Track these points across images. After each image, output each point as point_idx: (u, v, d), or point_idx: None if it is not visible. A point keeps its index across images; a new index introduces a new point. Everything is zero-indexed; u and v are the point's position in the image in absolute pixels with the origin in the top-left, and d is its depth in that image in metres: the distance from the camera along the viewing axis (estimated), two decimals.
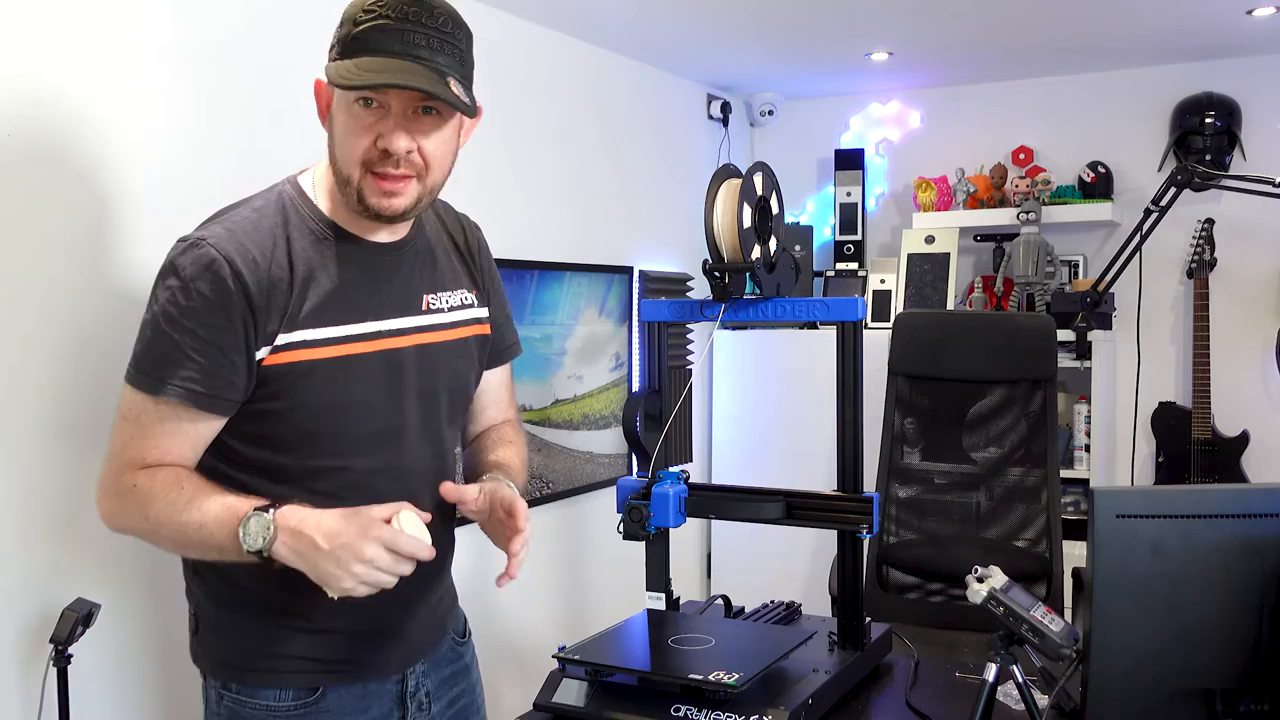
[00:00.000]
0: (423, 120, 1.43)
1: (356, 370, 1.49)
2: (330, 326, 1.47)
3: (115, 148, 2.02)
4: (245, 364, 1.42)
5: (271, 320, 1.42)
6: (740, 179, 1.91)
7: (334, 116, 1.44)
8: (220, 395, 1.41)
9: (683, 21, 3.23)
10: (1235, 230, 3.67)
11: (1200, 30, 3.36)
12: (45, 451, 1.92)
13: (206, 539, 1.38)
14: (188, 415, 1.41)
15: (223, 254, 1.40)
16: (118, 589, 2.03)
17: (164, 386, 1.39)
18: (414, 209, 1.49)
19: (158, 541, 1.44)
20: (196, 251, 1.41)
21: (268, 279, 1.42)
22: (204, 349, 1.39)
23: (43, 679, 1.75)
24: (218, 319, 1.39)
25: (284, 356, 1.44)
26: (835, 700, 1.77)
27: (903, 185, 4.20)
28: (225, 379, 1.41)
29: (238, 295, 1.40)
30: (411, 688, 1.62)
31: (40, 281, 1.91)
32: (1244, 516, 1.45)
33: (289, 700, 1.50)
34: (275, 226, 1.46)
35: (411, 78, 1.36)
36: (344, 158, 1.44)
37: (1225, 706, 1.47)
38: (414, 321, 1.57)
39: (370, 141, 1.41)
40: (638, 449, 2.04)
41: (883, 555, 2.79)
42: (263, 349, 1.43)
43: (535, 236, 3.18)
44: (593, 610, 3.46)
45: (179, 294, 1.40)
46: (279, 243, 1.45)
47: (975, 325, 2.87)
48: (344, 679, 1.53)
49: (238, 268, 1.40)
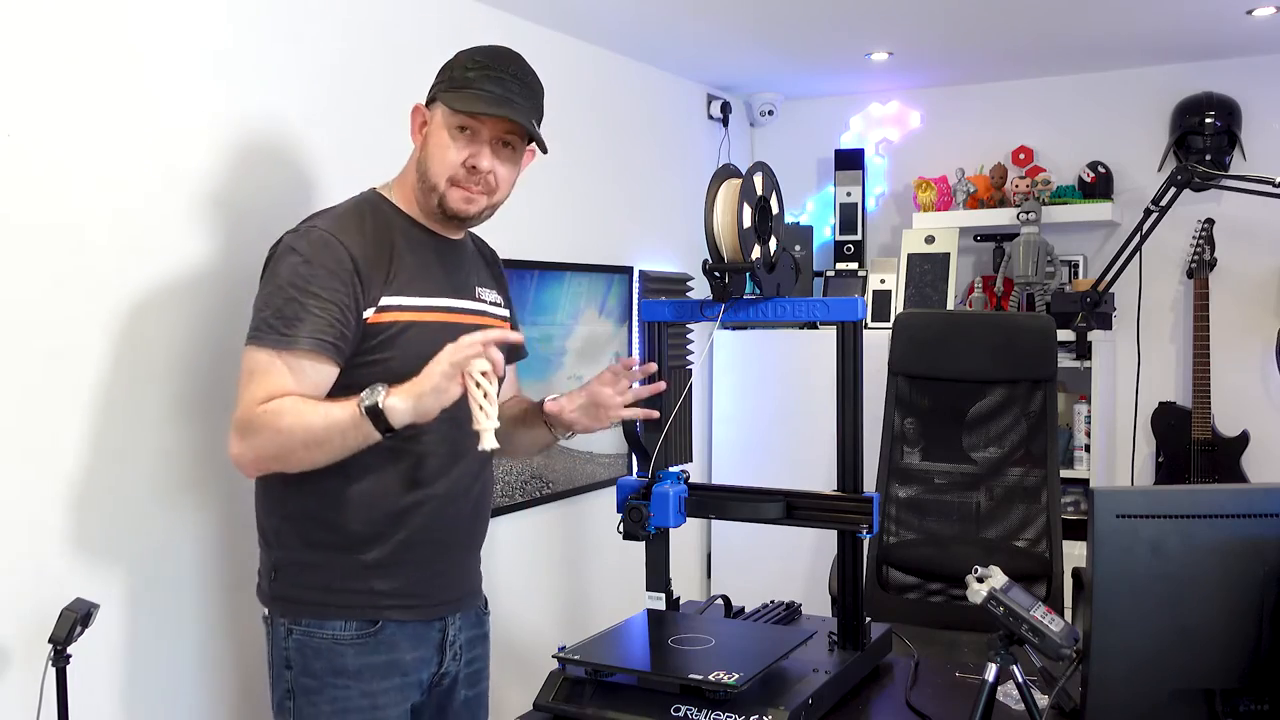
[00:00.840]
0: (501, 150, 1.82)
1: (436, 332, 1.77)
2: (418, 296, 1.81)
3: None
4: (356, 321, 1.73)
5: (374, 286, 1.75)
6: (740, 179, 1.91)
7: (430, 136, 1.81)
8: (339, 344, 1.71)
9: (683, 21, 3.23)
10: (1235, 230, 3.67)
11: (1200, 30, 3.36)
12: (45, 452, 1.92)
13: (332, 425, 1.63)
14: (313, 362, 1.69)
15: (334, 234, 1.74)
16: (117, 589, 2.03)
17: (295, 340, 1.68)
18: (479, 217, 1.87)
19: (290, 451, 1.67)
20: (312, 234, 1.74)
21: (371, 254, 1.75)
22: (325, 308, 1.69)
23: (41, 679, 1.75)
24: (335, 283, 1.71)
25: (385, 316, 1.76)
26: (835, 700, 1.77)
27: (903, 185, 4.20)
28: (342, 332, 1.71)
29: (349, 265, 1.72)
30: (450, 637, 1.89)
31: (39, 282, 1.91)
32: (1244, 516, 1.45)
33: (352, 630, 1.77)
34: (368, 217, 1.81)
35: (512, 112, 1.78)
36: (436, 169, 1.80)
37: (1225, 706, 1.47)
38: (471, 305, 1.92)
39: (461, 160, 1.79)
40: (638, 449, 2.04)
41: (883, 555, 2.79)
42: (369, 309, 1.74)
43: (535, 236, 3.18)
44: (593, 610, 3.46)
45: (301, 266, 1.71)
46: (375, 228, 1.79)
47: (975, 325, 2.87)
48: (400, 615, 1.80)
49: (347, 244, 1.73)
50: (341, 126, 2.47)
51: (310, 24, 2.42)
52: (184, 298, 2.13)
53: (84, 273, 1.97)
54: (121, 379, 2.03)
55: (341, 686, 1.76)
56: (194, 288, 2.15)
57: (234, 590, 2.23)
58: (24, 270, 1.88)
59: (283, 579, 1.82)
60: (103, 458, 2.00)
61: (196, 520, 2.18)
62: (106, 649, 2.02)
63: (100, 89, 1.99)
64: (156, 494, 2.10)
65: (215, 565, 2.21)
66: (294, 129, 2.37)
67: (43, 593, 1.91)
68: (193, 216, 2.15)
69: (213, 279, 2.18)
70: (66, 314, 1.94)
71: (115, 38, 2.02)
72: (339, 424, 1.63)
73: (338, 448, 1.66)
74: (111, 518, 2.03)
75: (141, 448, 2.07)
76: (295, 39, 2.38)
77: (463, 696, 1.94)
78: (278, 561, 1.82)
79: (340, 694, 1.76)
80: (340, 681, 1.76)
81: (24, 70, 1.88)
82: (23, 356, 1.89)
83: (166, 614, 2.13)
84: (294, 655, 1.78)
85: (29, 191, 1.89)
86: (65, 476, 1.95)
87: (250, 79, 2.27)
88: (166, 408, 2.11)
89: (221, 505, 2.20)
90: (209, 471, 2.18)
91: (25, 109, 1.88)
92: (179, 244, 2.13)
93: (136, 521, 2.07)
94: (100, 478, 2.00)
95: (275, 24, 2.33)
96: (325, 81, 2.45)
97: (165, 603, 2.13)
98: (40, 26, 1.90)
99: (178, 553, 2.15)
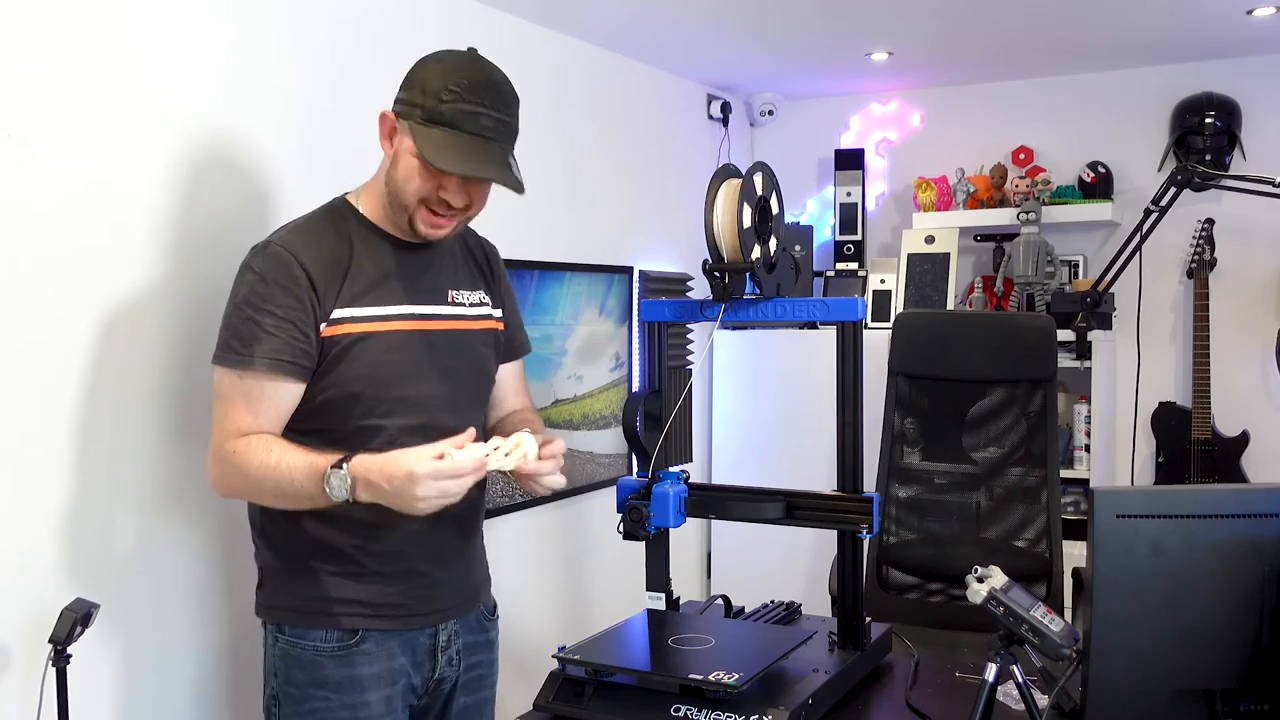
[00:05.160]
0: (475, 185, 1.76)
1: (393, 344, 1.77)
2: (374, 306, 1.77)
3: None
4: (315, 336, 1.71)
5: (329, 300, 1.72)
6: (740, 179, 1.91)
7: (399, 158, 1.74)
8: (297, 362, 1.69)
9: (683, 21, 3.23)
10: (1235, 230, 3.67)
11: (1200, 30, 3.36)
12: (44, 452, 1.92)
13: (299, 491, 1.64)
14: (271, 382, 1.69)
15: (289, 250, 1.71)
16: (117, 589, 2.03)
17: (252, 360, 1.67)
18: (452, 235, 1.83)
19: (261, 496, 1.72)
20: (267, 251, 1.72)
21: (326, 267, 1.73)
22: (281, 325, 1.68)
23: (41, 679, 1.75)
24: (289, 300, 1.69)
25: (338, 329, 1.73)
26: (835, 700, 1.77)
27: (903, 185, 4.20)
28: (300, 348, 1.69)
29: (303, 280, 1.70)
30: (443, 643, 1.86)
31: (37, 287, 1.91)
32: (1244, 516, 1.45)
33: (333, 641, 1.76)
34: (329, 227, 1.78)
35: (488, 168, 1.71)
36: (406, 192, 1.74)
37: (1225, 706, 1.47)
38: (441, 310, 1.86)
39: (433, 188, 1.73)
40: (638, 449, 2.04)
41: (883, 555, 2.79)
42: (322, 323, 1.71)
43: (535, 236, 3.18)
44: (593, 610, 3.46)
45: (258, 285, 1.70)
46: (334, 238, 1.76)
47: (975, 325, 2.87)
48: (382, 624, 1.78)
49: (302, 260, 1.71)
50: (342, 128, 2.47)
51: (308, 23, 2.42)
52: (184, 292, 2.13)
53: (81, 259, 1.97)
54: (121, 380, 2.03)
55: (322, 699, 1.75)
56: (195, 283, 2.15)
57: (234, 591, 2.23)
58: (23, 271, 1.89)
59: (269, 587, 1.83)
60: (103, 457, 2.00)
61: (197, 520, 2.17)
62: (106, 649, 2.02)
63: (100, 90, 1.99)
64: (157, 493, 2.10)
65: (215, 566, 2.21)
66: (292, 132, 2.37)
67: (43, 593, 1.91)
68: (187, 221, 2.15)
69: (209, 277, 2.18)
70: (63, 306, 1.94)
71: (116, 38, 2.02)
72: (306, 492, 1.64)
73: (302, 504, 1.67)
74: (112, 517, 2.03)
75: (142, 447, 2.07)
76: (295, 39, 2.38)
77: (461, 704, 1.92)
78: (263, 570, 1.84)
79: (321, 705, 1.75)
80: (321, 693, 1.75)
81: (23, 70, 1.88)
82: (22, 354, 1.89)
83: (166, 614, 2.13)
84: (279, 663, 1.78)
85: (30, 193, 1.89)
86: (65, 476, 1.95)
87: (251, 80, 2.27)
88: (167, 409, 2.11)
89: (221, 505, 2.20)
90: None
91: (25, 109, 1.88)
92: (178, 246, 2.13)
93: (137, 521, 2.07)
94: (101, 477, 2.00)
95: (276, 24, 2.33)
96: (325, 82, 2.45)
97: (165, 603, 2.13)
98: (40, 28, 1.90)
99: (178, 553, 2.15)
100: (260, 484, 1.67)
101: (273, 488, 1.66)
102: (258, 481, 1.66)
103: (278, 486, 1.65)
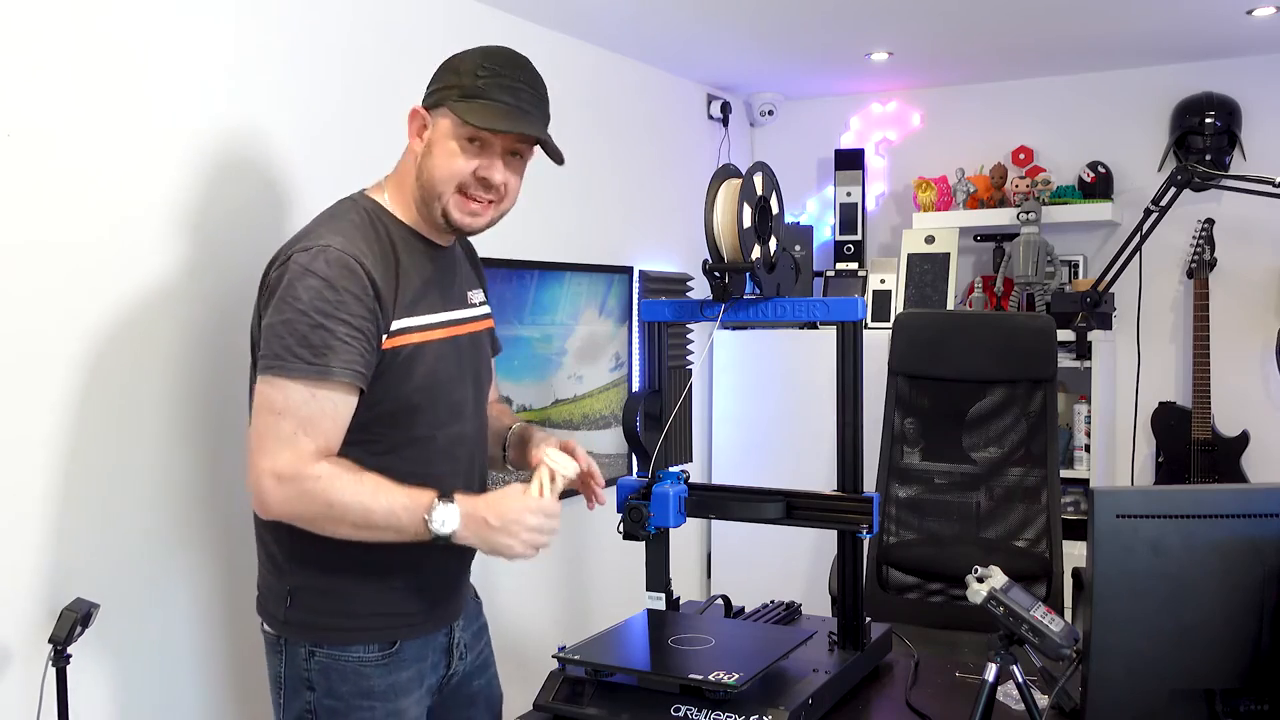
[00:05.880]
0: (511, 161, 1.75)
1: (440, 353, 1.76)
2: (423, 315, 1.74)
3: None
4: (378, 347, 1.66)
5: (389, 309, 1.67)
6: (740, 179, 1.91)
7: (435, 144, 1.71)
8: (368, 375, 1.64)
9: (683, 21, 3.23)
10: (1235, 230, 3.67)
11: (1200, 30, 3.36)
12: (44, 453, 1.92)
13: (393, 523, 1.60)
14: (344, 395, 1.62)
15: (352, 255, 1.63)
16: (117, 589, 2.03)
17: (329, 371, 1.59)
18: (486, 228, 1.78)
19: (336, 526, 1.61)
20: (329, 254, 1.62)
21: (383, 275, 1.66)
22: (354, 335, 1.61)
23: (41, 679, 1.75)
24: (360, 308, 1.62)
25: (398, 340, 1.69)
26: (835, 700, 1.77)
27: (903, 185, 4.20)
28: (370, 361, 1.64)
29: (369, 288, 1.63)
30: (457, 638, 1.89)
31: (38, 289, 1.91)
32: (1244, 516, 1.45)
33: (375, 652, 1.74)
34: (375, 232, 1.71)
35: (528, 126, 1.70)
36: (441, 178, 1.70)
37: (1225, 706, 1.47)
38: (466, 313, 1.86)
39: (470, 170, 1.70)
40: (638, 449, 2.04)
41: (883, 555, 2.79)
42: (383, 334, 1.66)
43: (535, 236, 3.18)
44: (593, 610, 3.46)
45: (325, 290, 1.60)
46: (383, 245, 1.70)
47: (975, 325, 2.87)
48: (413, 632, 1.79)
49: (366, 266, 1.64)
50: (342, 129, 2.47)
51: (311, 23, 2.42)
52: (189, 293, 2.13)
53: (88, 260, 1.97)
54: (123, 381, 2.03)
55: (367, 708, 1.74)
56: (199, 281, 2.15)
57: (234, 591, 2.23)
58: (29, 272, 1.89)
59: (300, 605, 1.75)
60: (103, 457, 2.00)
61: (197, 520, 2.17)
62: (106, 649, 2.02)
63: (101, 90, 1.99)
64: (157, 493, 2.10)
65: (215, 566, 2.21)
66: (296, 132, 2.37)
67: (43, 593, 1.91)
68: (195, 221, 2.15)
69: (216, 279, 2.18)
70: (66, 307, 1.94)
71: (115, 41, 2.02)
72: (400, 525, 1.61)
73: (384, 537, 1.63)
74: (112, 517, 2.02)
75: (143, 448, 2.07)
76: (294, 39, 2.38)
77: (476, 686, 1.95)
78: (294, 587, 1.75)
79: (365, 715, 1.74)
80: (366, 703, 1.74)
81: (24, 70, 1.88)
82: (25, 354, 1.89)
83: (167, 614, 2.13)
84: (317, 678, 1.74)
85: (29, 195, 1.89)
86: (66, 476, 1.95)
87: (252, 81, 2.27)
88: (169, 410, 2.10)
89: (221, 505, 2.20)
90: (210, 472, 2.18)
91: (26, 109, 1.88)
92: (179, 247, 2.13)
93: (137, 521, 2.07)
94: (102, 477, 2.00)
95: (280, 24, 2.33)
96: (324, 83, 2.45)
97: (165, 603, 2.13)
98: (41, 28, 1.90)
99: (178, 553, 2.15)
100: (345, 513, 1.59)
101: (359, 518, 1.60)
102: (344, 509, 1.59)
103: (366, 519, 1.60)
